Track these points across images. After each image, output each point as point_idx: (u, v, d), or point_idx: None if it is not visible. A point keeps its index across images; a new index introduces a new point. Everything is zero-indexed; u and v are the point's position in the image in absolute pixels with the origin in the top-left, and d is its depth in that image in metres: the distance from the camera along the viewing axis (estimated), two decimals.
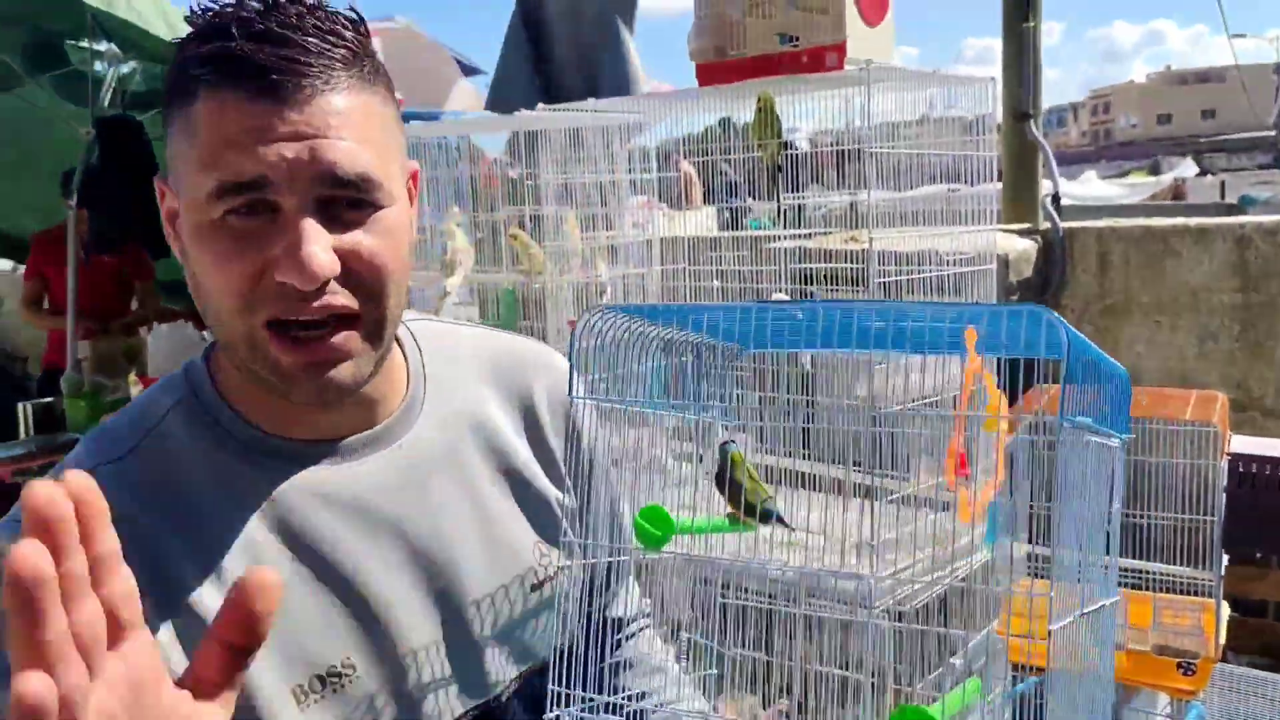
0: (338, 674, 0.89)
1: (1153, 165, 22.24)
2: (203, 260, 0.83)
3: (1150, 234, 3.63)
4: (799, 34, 2.15)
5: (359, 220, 0.84)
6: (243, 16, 0.81)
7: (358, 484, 0.93)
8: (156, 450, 0.90)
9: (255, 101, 0.80)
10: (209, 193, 0.81)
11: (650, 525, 0.96)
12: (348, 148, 0.82)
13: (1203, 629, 1.99)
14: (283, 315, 0.83)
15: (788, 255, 2.61)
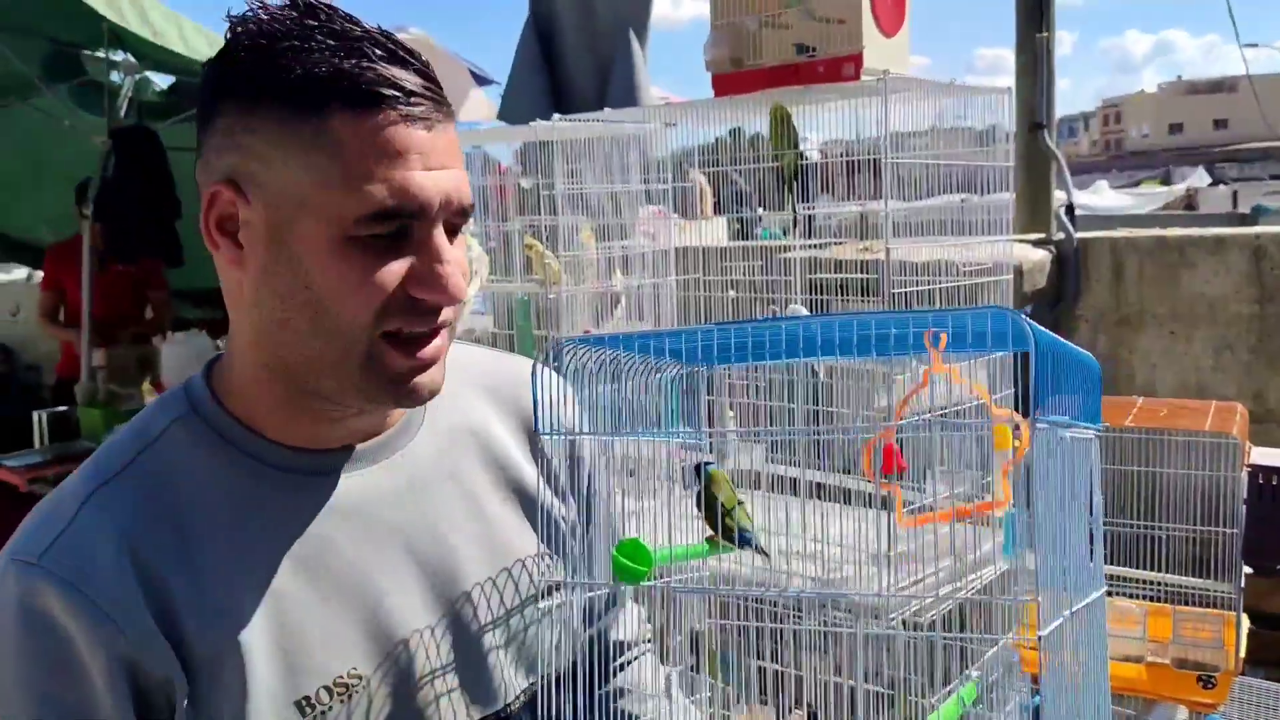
0: (345, 685, 0.89)
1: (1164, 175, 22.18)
2: (333, 274, 0.83)
3: (1165, 245, 3.61)
4: (815, 44, 2.15)
5: (456, 243, 0.89)
6: (371, 34, 0.82)
7: (362, 493, 0.94)
8: (154, 464, 0.89)
9: (412, 126, 0.81)
10: (362, 215, 0.81)
11: (629, 560, 0.96)
12: (462, 175, 0.86)
13: (1223, 642, 1.97)
14: (408, 328, 0.86)
15: (801, 265, 2.60)
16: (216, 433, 0.91)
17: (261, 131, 0.83)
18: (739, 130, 2.71)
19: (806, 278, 2.59)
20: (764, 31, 2.22)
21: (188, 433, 0.91)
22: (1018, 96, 4.18)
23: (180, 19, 3.88)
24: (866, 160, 2.23)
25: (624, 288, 2.81)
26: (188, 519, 0.87)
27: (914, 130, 2.30)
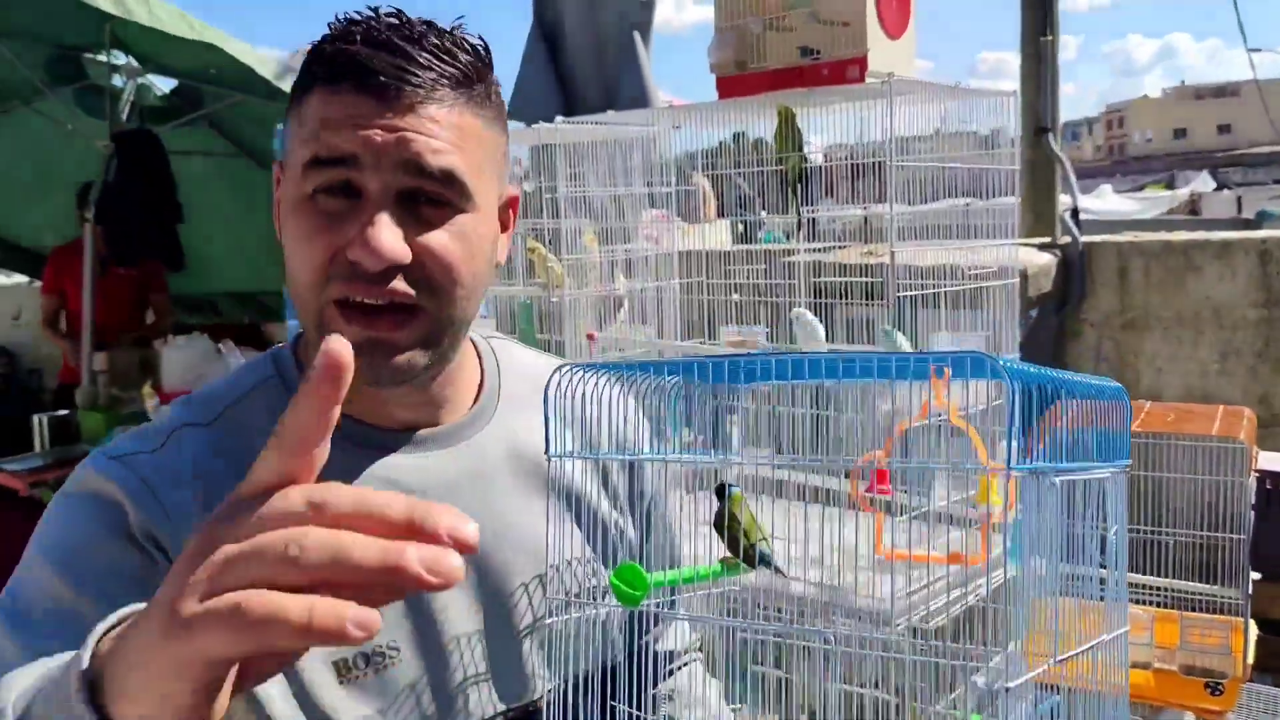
0: (381, 654, 0.92)
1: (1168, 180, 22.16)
2: (291, 235, 0.90)
3: (1171, 248, 3.60)
4: (820, 47, 2.14)
5: (438, 219, 0.89)
6: (370, 26, 0.88)
7: (422, 475, 0.97)
8: (237, 422, 0.95)
9: (360, 96, 0.87)
10: (303, 164, 0.88)
11: (625, 585, 0.96)
12: (436, 145, 0.87)
13: (1231, 648, 1.95)
14: (349, 295, 0.87)
15: (805, 269, 2.59)
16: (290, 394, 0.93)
17: (288, 114, 0.93)
18: (742, 134, 2.70)
19: (810, 281, 2.58)
20: (768, 34, 2.21)
21: (268, 396, 0.97)
22: (1022, 100, 4.17)
23: (188, 16, 3.87)
24: (870, 163, 2.22)
25: (627, 291, 2.80)
26: None
27: (919, 134, 2.29)
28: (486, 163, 0.93)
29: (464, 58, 0.91)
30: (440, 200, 0.89)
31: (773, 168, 2.45)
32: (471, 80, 0.91)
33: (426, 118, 0.87)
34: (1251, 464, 2.05)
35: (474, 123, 0.91)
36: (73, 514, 0.90)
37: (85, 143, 4.69)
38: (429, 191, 0.88)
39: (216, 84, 4.43)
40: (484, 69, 0.93)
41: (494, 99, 0.95)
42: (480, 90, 0.92)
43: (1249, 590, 2.05)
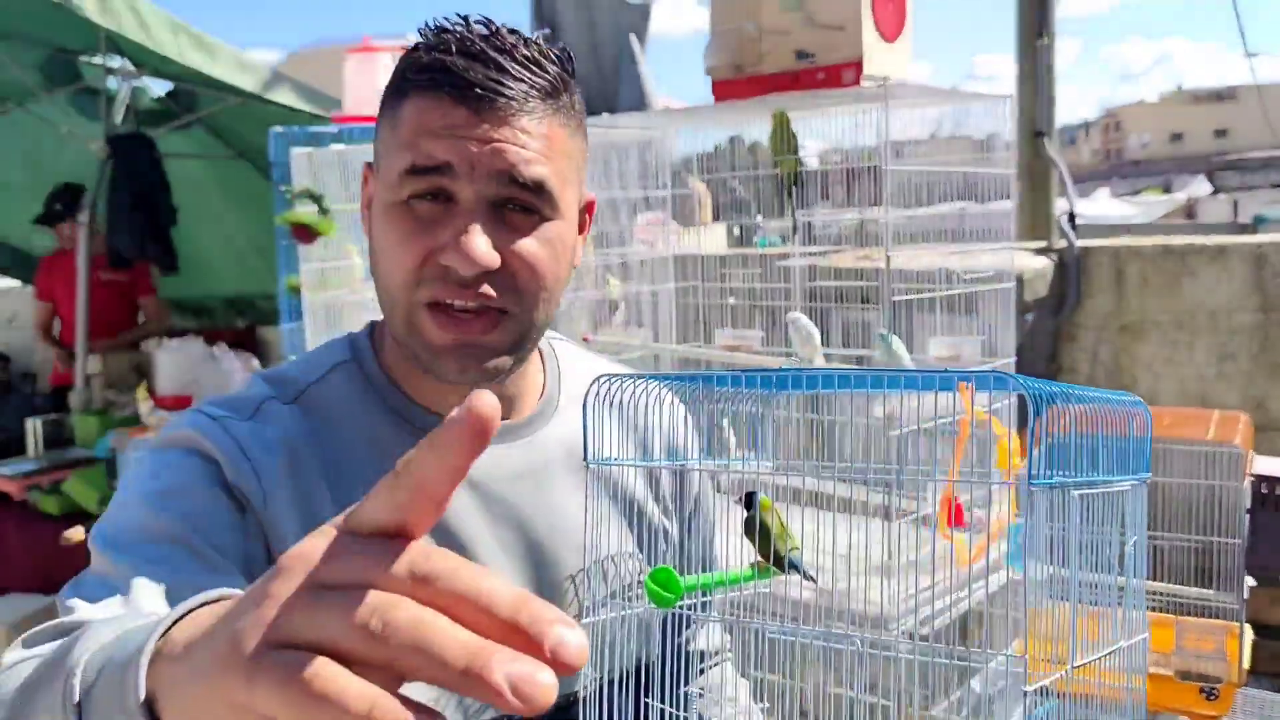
0: None
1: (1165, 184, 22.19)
2: (384, 237, 0.94)
3: (1167, 253, 3.60)
4: (816, 51, 2.13)
5: (526, 226, 0.93)
6: (464, 36, 0.92)
7: (487, 468, 1.01)
8: (317, 402, 1.01)
9: (456, 106, 0.90)
10: (401, 172, 0.91)
11: (659, 588, 1.01)
12: (528, 155, 0.91)
13: (1226, 653, 1.95)
14: (442, 297, 0.92)
15: (800, 273, 2.59)
16: (369, 384, 1.02)
17: (380, 119, 0.97)
18: (738, 138, 2.70)
19: (806, 285, 2.58)
20: (764, 38, 2.20)
21: (346, 379, 1.03)
22: (1019, 104, 4.17)
23: (177, 25, 3.86)
24: (866, 167, 2.22)
25: (622, 295, 2.80)
26: (338, 453, 0.98)
27: (914, 138, 2.29)
28: (570, 171, 0.97)
29: (552, 69, 0.94)
30: (529, 208, 0.93)
31: (769, 172, 2.45)
32: (559, 91, 0.95)
33: (519, 129, 0.91)
34: (1247, 468, 2.04)
35: (560, 132, 0.95)
36: (167, 462, 0.94)
37: (80, 145, 4.68)
38: (519, 200, 0.92)
39: (211, 87, 4.42)
40: (569, 79, 0.97)
41: (577, 108, 0.99)
42: (566, 100, 0.96)
43: (1244, 595, 2.05)
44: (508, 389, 1.04)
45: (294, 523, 0.93)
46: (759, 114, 2.40)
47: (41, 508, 3.64)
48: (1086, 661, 0.82)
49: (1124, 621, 0.95)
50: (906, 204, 2.17)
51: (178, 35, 3.82)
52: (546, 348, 1.15)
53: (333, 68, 4.02)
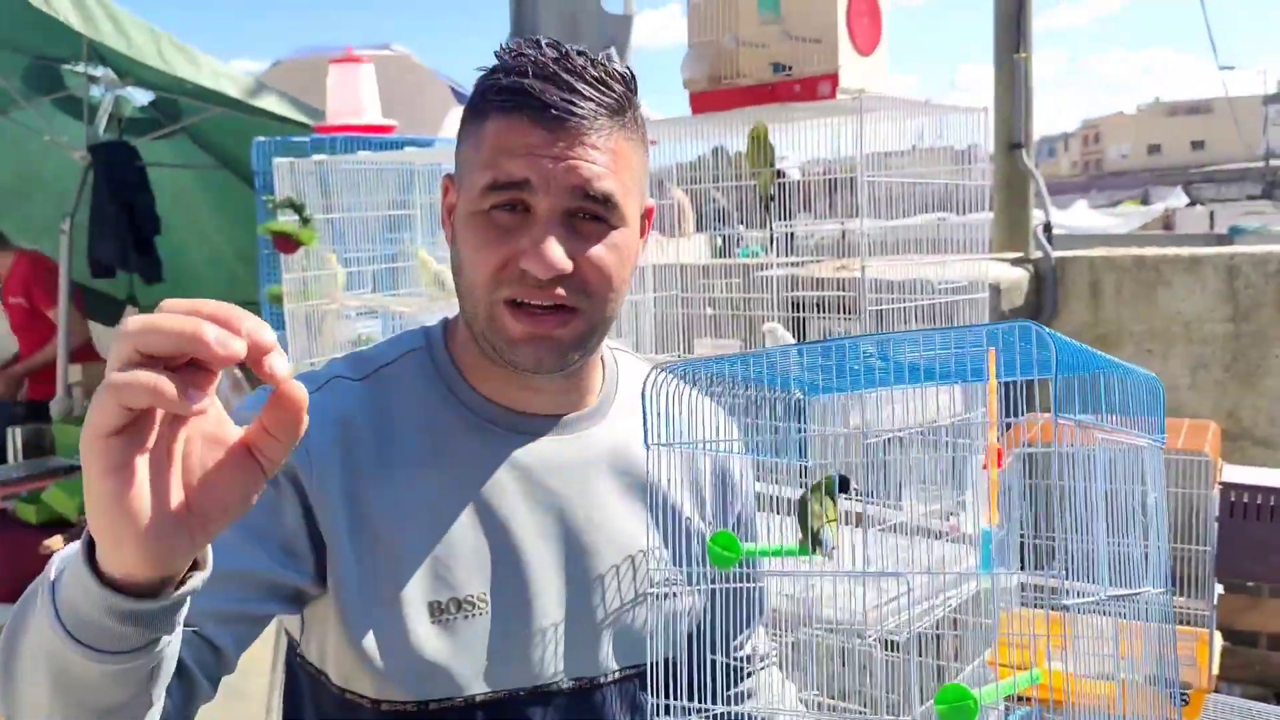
0: (471, 603, 1.05)
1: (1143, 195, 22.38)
2: (468, 242, 1.04)
3: (1142, 263, 3.65)
4: (792, 63, 2.16)
5: (596, 234, 1.03)
6: (539, 60, 1.01)
7: (536, 457, 1.11)
8: (385, 381, 1.10)
9: (535, 127, 1.00)
10: (483, 187, 1.01)
11: (721, 549, 1.07)
12: (598, 171, 1.01)
13: (1196, 659, 1.98)
14: (519, 297, 1.02)
15: (779, 283, 2.61)
16: (437, 371, 1.12)
17: (463, 135, 1.07)
18: (721, 148, 2.72)
19: (784, 295, 2.60)
20: (741, 50, 2.23)
21: (416, 364, 1.12)
22: (997, 116, 4.22)
23: (159, 35, 3.86)
24: (846, 178, 2.24)
25: None
26: (396, 429, 1.07)
27: (892, 149, 2.32)
28: (633, 182, 1.06)
29: (618, 88, 1.04)
30: (598, 217, 1.03)
31: (749, 183, 2.47)
32: (624, 108, 1.04)
33: (589, 145, 1.01)
34: (1216, 476, 2.08)
35: (625, 146, 1.04)
36: None
37: (62, 154, 4.67)
38: (589, 211, 1.02)
39: (194, 96, 4.42)
40: (632, 96, 1.06)
41: (639, 123, 1.08)
42: (630, 116, 1.05)
43: (1214, 602, 2.08)
44: (572, 384, 1.13)
45: (341, 488, 1.03)
46: (737, 125, 2.42)
47: (21, 516, 3.63)
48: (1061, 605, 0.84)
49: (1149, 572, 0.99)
50: (885, 215, 2.20)
51: (159, 44, 3.82)
52: (608, 355, 1.22)
53: (316, 78, 4.03)
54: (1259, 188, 21.65)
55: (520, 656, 1.08)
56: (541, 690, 1.09)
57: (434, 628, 1.04)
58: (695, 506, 1.23)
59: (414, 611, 1.03)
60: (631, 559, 1.14)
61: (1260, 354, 3.43)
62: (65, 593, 0.72)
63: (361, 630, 1.02)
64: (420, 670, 1.03)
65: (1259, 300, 3.41)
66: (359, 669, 1.04)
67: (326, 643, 1.07)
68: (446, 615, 1.04)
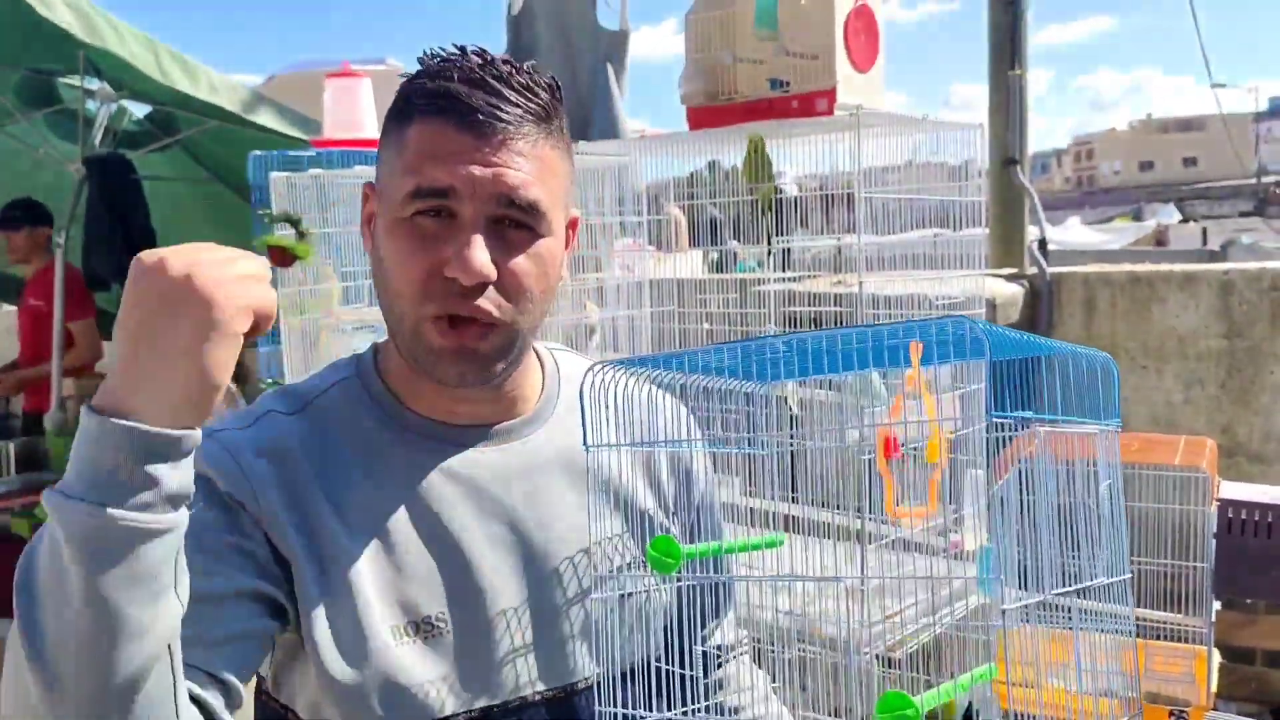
0: (431, 624, 1.04)
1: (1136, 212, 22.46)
2: (391, 251, 1.02)
3: (1136, 280, 3.65)
4: (790, 79, 2.17)
5: (521, 242, 1.02)
6: (464, 65, 1.00)
7: (479, 468, 1.09)
8: (319, 412, 1.09)
9: (460, 132, 0.98)
10: (406, 194, 1.00)
11: (661, 555, 1.05)
12: (524, 179, 1.00)
13: (1194, 676, 1.97)
14: (446, 310, 1.00)
15: (776, 298, 2.61)
16: (370, 395, 1.11)
17: (384, 141, 1.05)
18: (715, 163, 2.73)
19: (781, 310, 2.60)
20: (739, 66, 2.24)
21: (347, 392, 1.11)
22: (991, 132, 4.23)
23: (158, 46, 3.87)
24: (842, 194, 2.25)
25: (599, 319, 2.81)
26: (334, 457, 1.06)
27: (888, 165, 2.32)
28: (560, 191, 1.05)
29: (544, 95, 1.03)
30: (523, 225, 1.02)
31: (746, 198, 2.48)
32: (550, 116, 1.03)
33: (515, 152, 1.00)
34: (1213, 493, 2.08)
35: (552, 154, 1.03)
36: None
37: (57, 168, 4.67)
38: (515, 219, 1.01)
39: (191, 109, 4.42)
40: (558, 104, 1.05)
41: (565, 131, 1.07)
42: (557, 124, 1.05)
43: (1211, 618, 2.07)
44: (503, 394, 1.11)
45: (288, 512, 1.01)
46: (733, 141, 2.43)
47: (14, 531, 3.61)
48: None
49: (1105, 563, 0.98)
50: (881, 230, 2.20)
51: (158, 56, 3.82)
52: (547, 356, 1.21)
53: (312, 92, 4.04)
54: (1251, 204, 21.74)
55: (489, 672, 1.06)
56: (516, 704, 1.07)
57: (398, 651, 1.02)
58: (655, 500, 1.21)
59: (376, 636, 1.01)
60: (586, 553, 1.12)
61: (1254, 370, 3.43)
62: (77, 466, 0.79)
63: (328, 657, 1.00)
64: (389, 695, 1.01)
65: (1253, 317, 3.42)
66: (328, 697, 1.02)
67: (293, 674, 1.05)
68: (407, 639, 1.02)
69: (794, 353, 1.03)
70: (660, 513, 1.21)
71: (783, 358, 1.03)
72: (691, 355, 1.09)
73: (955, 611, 2.06)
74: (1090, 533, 0.98)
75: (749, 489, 2.42)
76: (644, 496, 1.20)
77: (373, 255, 1.07)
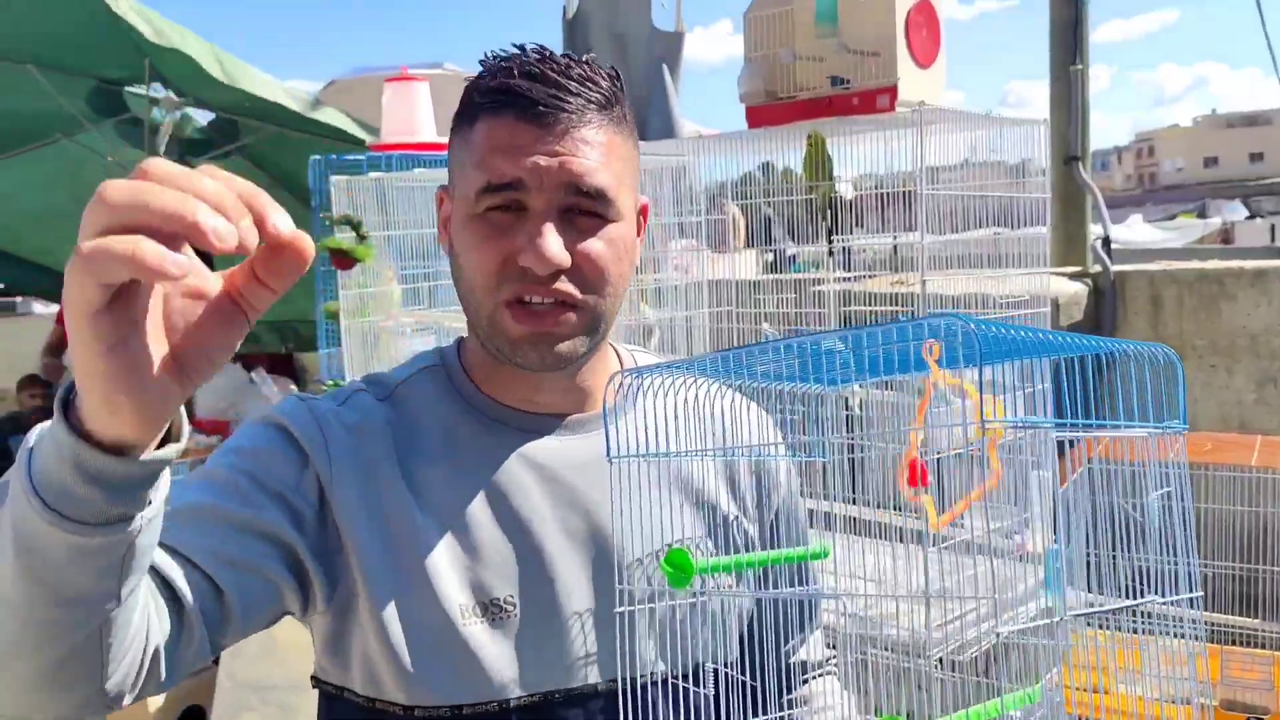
0: (499, 606, 1.04)
1: (1200, 209, 21.98)
2: (465, 246, 1.05)
3: (1205, 277, 3.57)
4: (850, 76, 2.15)
5: (592, 228, 1.03)
6: (524, 61, 1.02)
7: (556, 456, 1.10)
8: (403, 399, 1.12)
9: (524, 124, 1.00)
10: (477, 190, 1.02)
11: (675, 568, 1.01)
12: (590, 166, 1.01)
13: (1273, 683, 1.92)
14: (521, 295, 1.02)
15: (835, 298, 2.59)
16: (453, 384, 1.13)
17: (453, 142, 1.08)
18: (769, 165, 2.71)
19: (840, 310, 2.58)
20: (798, 64, 2.22)
21: (430, 379, 1.14)
22: (1052, 129, 4.16)
23: (221, 55, 3.94)
24: (900, 192, 2.22)
25: (656, 321, 2.81)
26: (415, 438, 1.08)
27: (948, 163, 2.29)
28: (626, 176, 1.06)
29: (604, 84, 1.05)
30: (592, 212, 1.02)
31: (802, 197, 2.46)
32: (612, 103, 1.05)
33: (580, 140, 1.01)
34: None
35: (616, 140, 1.04)
36: (256, 431, 1.07)
37: (125, 174, 4.77)
38: (583, 206, 1.02)
39: (252, 117, 4.49)
40: (620, 93, 1.07)
41: (628, 119, 1.08)
42: (619, 111, 1.06)
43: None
44: (580, 384, 1.12)
45: (359, 488, 1.03)
46: (792, 140, 2.41)
47: None
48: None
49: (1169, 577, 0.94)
50: (940, 230, 2.17)
51: (221, 62, 3.89)
52: (626, 355, 1.22)
53: (371, 97, 4.08)
54: None
55: (553, 658, 1.06)
56: (578, 692, 1.07)
57: (466, 630, 1.03)
58: (734, 503, 1.20)
59: (445, 614, 1.02)
60: (657, 555, 1.09)
61: None
62: (39, 456, 0.72)
63: (393, 632, 1.02)
64: (454, 673, 1.02)
65: None
66: (390, 674, 1.02)
67: (351, 652, 1.05)
68: (476, 618, 1.03)
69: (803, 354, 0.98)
70: (742, 517, 1.20)
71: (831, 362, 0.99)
72: (736, 355, 1.07)
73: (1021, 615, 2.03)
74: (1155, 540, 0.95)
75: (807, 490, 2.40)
76: (724, 499, 1.19)
77: (450, 256, 1.09)
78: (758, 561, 1.14)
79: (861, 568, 1.98)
